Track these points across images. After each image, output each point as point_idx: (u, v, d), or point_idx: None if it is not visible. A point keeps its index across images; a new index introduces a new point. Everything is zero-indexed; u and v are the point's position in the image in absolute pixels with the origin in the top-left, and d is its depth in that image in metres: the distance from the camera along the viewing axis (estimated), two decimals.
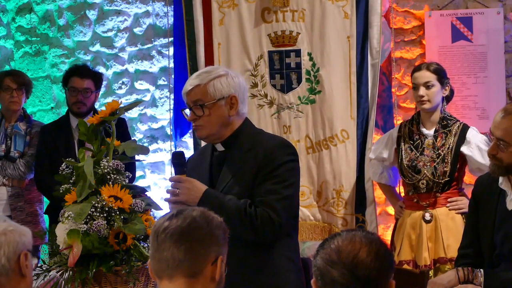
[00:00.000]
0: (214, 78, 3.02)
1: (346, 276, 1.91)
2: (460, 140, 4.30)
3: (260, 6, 5.05)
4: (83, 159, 3.08)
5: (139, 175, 5.65)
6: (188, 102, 3.06)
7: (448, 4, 5.21)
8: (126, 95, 5.74)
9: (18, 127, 5.05)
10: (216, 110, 3.02)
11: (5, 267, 2.29)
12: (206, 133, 3.04)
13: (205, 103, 3.00)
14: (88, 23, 5.77)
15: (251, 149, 3.02)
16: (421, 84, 4.32)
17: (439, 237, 4.29)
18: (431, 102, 4.31)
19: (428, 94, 4.30)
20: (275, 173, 2.95)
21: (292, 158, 3.04)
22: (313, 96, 4.99)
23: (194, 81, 3.04)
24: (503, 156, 2.98)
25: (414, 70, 4.45)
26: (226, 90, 3.02)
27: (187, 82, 3.07)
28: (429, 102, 4.31)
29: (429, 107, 4.33)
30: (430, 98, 4.31)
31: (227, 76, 3.05)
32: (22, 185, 5.05)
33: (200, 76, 3.05)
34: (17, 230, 2.35)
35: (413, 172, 4.36)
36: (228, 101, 3.03)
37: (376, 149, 4.62)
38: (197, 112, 3.02)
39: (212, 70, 3.10)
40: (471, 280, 3.05)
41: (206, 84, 3.01)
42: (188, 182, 2.98)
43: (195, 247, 2.06)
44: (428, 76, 4.31)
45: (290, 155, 3.03)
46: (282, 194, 2.95)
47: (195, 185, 2.97)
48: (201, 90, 3.01)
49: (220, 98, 3.01)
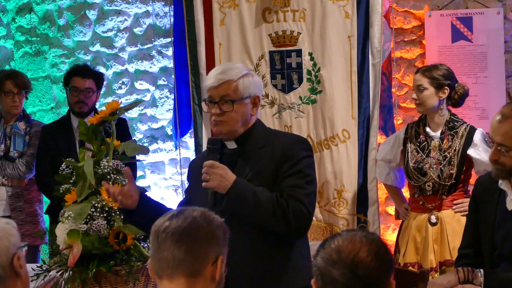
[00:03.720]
0: (243, 76, 3.01)
1: (347, 276, 1.91)
2: (467, 142, 4.29)
3: (261, 6, 5.05)
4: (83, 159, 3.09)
5: (139, 175, 5.65)
6: (213, 95, 3.00)
7: (448, 4, 5.21)
8: (126, 95, 5.74)
9: (18, 127, 5.05)
10: (241, 107, 3.01)
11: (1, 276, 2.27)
12: (227, 129, 3.01)
13: (234, 99, 2.98)
14: (88, 23, 5.77)
15: (265, 146, 3.02)
16: (415, 87, 4.34)
17: (445, 239, 4.28)
18: (422, 105, 4.32)
19: (419, 97, 4.32)
20: (295, 169, 2.96)
21: (309, 154, 3.05)
22: (314, 96, 4.99)
23: (223, 76, 3.00)
24: (505, 160, 2.96)
25: (414, 73, 4.45)
26: (252, 89, 3.03)
27: (213, 76, 3.02)
28: (421, 105, 4.33)
29: (421, 110, 4.35)
30: (421, 101, 4.32)
31: (253, 75, 3.07)
32: (21, 185, 5.05)
33: (229, 72, 3.01)
34: (4, 235, 2.32)
35: (419, 174, 4.35)
36: (252, 100, 3.04)
37: (382, 150, 4.62)
38: (225, 107, 2.99)
39: (238, 67, 3.08)
40: (471, 280, 3.05)
41: (237, 81, 2.99)
42: (221, 168, 2.93)
43: (196, 247, 2.06)
44: (421, 80, 4.31)
45: (307, 151, 3.04)
46: (307, 189, 2.97)
47: (227, 172, 2.93)
48: (231, 86, 2.99)
49: (247, 96, 3.01)
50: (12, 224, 2.39)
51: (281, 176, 2.96)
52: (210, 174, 2.92)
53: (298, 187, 2.94)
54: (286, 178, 2.95)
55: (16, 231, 2.36)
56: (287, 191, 2.93)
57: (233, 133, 3.03)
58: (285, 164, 2.96)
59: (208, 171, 2.93)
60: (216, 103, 2.99)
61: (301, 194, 2.93)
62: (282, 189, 2.94)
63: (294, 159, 2.97)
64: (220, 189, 2.92)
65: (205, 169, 2.94)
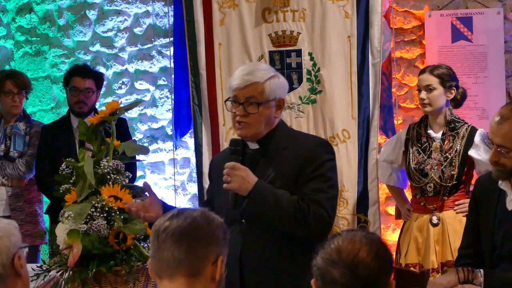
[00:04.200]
0: (270, 78, 2.99)
1: (347, 276, 1.91)
2: (468, 143, 4.29)
3: (260, 6, 5.05)
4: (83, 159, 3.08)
5: (139, 175, 5.65)
6: (238, 96, 2.98)
7: (448, 4, 5.21)
8: (126, 95, 5.74)
9: (18, 127, 5.05)
10: (266, 110, 2.99)
11: (1, 275, 2.28)
12: (252, 132, 3.00)
13: (260, 101, 2.96)
14: (88, 23, 5.77)
15: (288, 147, 3.00)
16: (423, 87, 4.31)
17: (447, 240, 4.28)
18: (431, 105, 4.30)
19: (429, 97, 4.29)
20: (318, 172, 2.95)
21: (332, 157, 3.04)
22: (314, 96, 4.99)
23: (250, 77, 2.97)
24: (505, 161, 2.96)
25: (419, 73, 4.44)
26: (278, 92, 3.01)
27: (239, 77, 2.99)
28: (430, 105, 4.30)
29: (430, 110, 4.32)
30: (430, 101, 4.30)
31: (279, 77, 3.04)
32: (21, 185, 5.05)
33: (256, 73, 2.99)
34: (5, 234, 2.32)
35: (421, 176, 4.35)
36: (277, 103, 3.02)
37: (384, 151, 4.62)
38: (250, 109, 2.97)
39: (265, 68, 3.06)
40: (471, 280, 3.05)
41: (263, 83, 2.97)
42: (243, 170, 2.92)
43: (196, 247, 2.06)
44: (430, 80, 4.30)
45: (330, 154, 3.03)
46: (329, 194, 2.96)
47: (248, 174, 2.92)
48: (258, 88, 2.97)
49: (272, 99, 2.99)
50: (13, 224, 2.39)
51: (303, 179, 2.95)
52: (231, 176, 2.91)
53: (320, 191, 2.93)
54: (308, 181, 2.94)
55: (18, 231, 2.37)
56: (309, 195, 2.92)
57: (257, 135, 3.02)
58: (308, 167, 2.95)
59: (229, 172, 2.91)
60: (241, 104, 2.97)
61: (322, 198, 2.92)
62: (303, 192, 2.93)
63: (316, 162, 2.96)
64: (241, 191, 2.91)
65: (226, 170, 2.92)
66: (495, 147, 2.97)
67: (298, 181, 2.95)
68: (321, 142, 3.10)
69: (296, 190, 2.94)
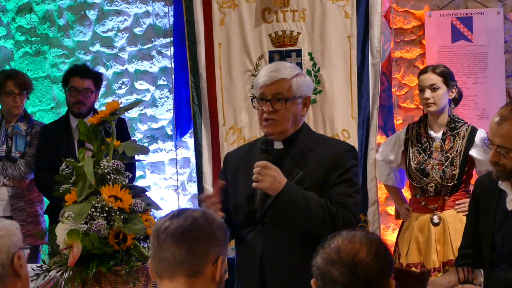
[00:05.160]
0: (297, 75, 2.99)
1: (346, 276, 1.91)
2: (469, 143, 4.29)
3: (260, 6, 5.05)
4: (83, 159, 3.08)
5: (139, 175, 5.65)
6: (265, 93, 2.98)
7: (448, 4, 5.21)
8: (126, 95, 5.74)
9: (19, 128, 5.05)
10: (293, 107, 2.99)
11: (1, 274, 2.27)
12: (279, 129, 3.00)
13: (288, 98, 2.96)
14: (88, 23, 5.77)
15: (313, 150, 3.01)
16: (427, 87, 4.30)
17: (448, 239, 4.28)
18: (436, 104, 4.29)
19: (433, 96, 4.28)
20: (345, 177, 2.96)
21: (357, 163, 3.07)
22: (314, 96, 4.99)
23: (277, 74, 2.98)
24: (505, 162, 2.96)
25: (420, 73, 4.42)
26: (304, 89, 3.01)
27: (266, 74, 2.99)
28: (435, 104, 4.29)
29: (435, 110, 4.31)
30: (435, 101, 4.29)
31: (304, 75, 3.05)
32: (22, 185, 5.05)
33: (282, 70, 2.99)
34: (6, 233, 2.32)
35: (421, 176, 4.34)
36: (303, 100, 3.02)
37: (383, 151, 4.61)
38: (278, 106, 2.96)
39: (290, 66, 3.06)
40: (471, 280, 3.05)
41: (290, 80, 2.97)
42: (274, 170, 2.91)
43: (196, 247, 2.06)
44: (434, 79, 4.29)
45: (355, 159, 3.05)
46: (356, 199, 2.98)
47: (279, 174, 2.91)
48: (285, 84, 2.97)
49: (299, 96, 2.99)
50: (15, 224, 2.40)
51: (330, 183, 2.95)
52: (262, 175, 2.90)
53: (348, 196, 2.94)
54: (335, 185, 2.95)
55: (19, 231, 2.37)
56: (337, 198, 2.93)
57: (284, 133, 3.01)
58: (336, 172, 2.95)
59: (261, 171, 2.91)
60: (268, 101, 2.97)
61: (350, 202, 2.93)
62: (331, 195, 2.94)
63: (344, 168, 2.96)
64: (271, 191, 2.91)
65: (258, 169, 2.91)
66: (495, 148, 2.97)
67: (325, 184, 2.96)
68: (349, 148, 3.08)
69: (322, 194, 2.94)
